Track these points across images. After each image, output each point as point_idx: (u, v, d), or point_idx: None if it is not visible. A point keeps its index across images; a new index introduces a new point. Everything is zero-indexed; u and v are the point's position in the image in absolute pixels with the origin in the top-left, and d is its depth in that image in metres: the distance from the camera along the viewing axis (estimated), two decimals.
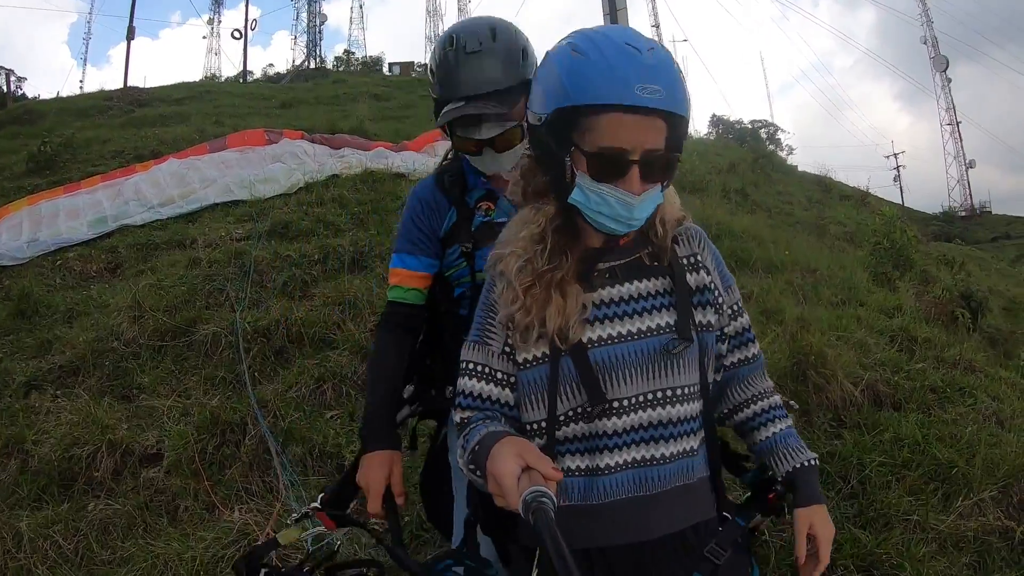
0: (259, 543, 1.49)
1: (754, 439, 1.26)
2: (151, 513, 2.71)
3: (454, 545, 1.54)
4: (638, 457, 1.12)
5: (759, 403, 1.26)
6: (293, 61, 38.41)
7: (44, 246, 5.53)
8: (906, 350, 4.34)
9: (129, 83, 17.67)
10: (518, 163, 1.26)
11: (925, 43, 54.24)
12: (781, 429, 1.24)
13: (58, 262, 5.37)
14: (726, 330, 1.22)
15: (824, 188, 15.82)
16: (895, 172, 52.37)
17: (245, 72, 26.46)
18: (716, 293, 1.19)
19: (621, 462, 1.12)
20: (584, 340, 1.11)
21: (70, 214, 5.93)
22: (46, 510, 2.76)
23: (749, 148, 19.27)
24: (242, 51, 26.78)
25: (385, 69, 34.88)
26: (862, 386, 3.60)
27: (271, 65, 54.02)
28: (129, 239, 5.58)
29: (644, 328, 1.12)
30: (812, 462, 1.21)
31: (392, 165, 6.51)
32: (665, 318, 1.13)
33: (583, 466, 1.14)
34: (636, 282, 1.15)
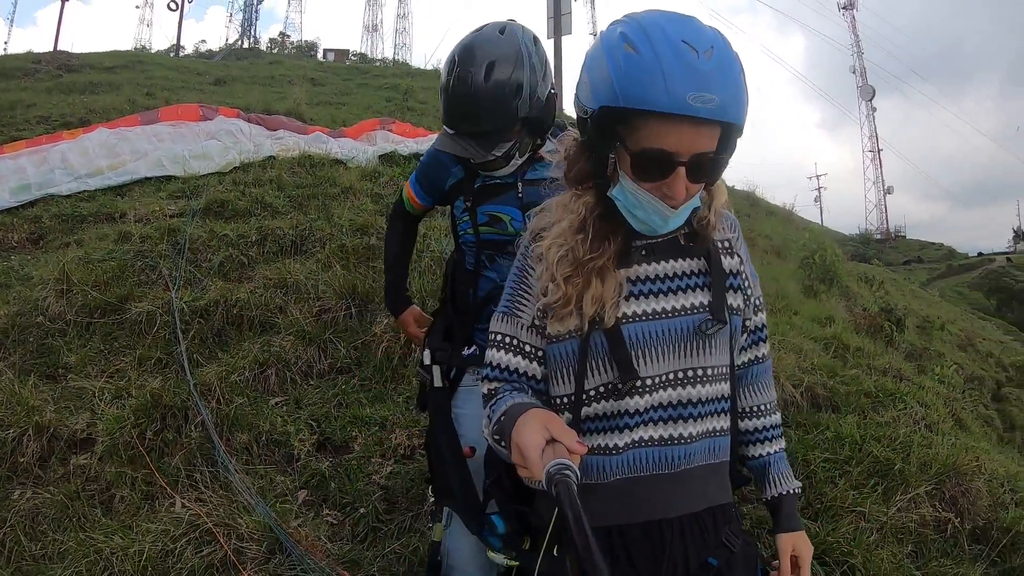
0: None
1: (749, 452, 1.30)
2: (83, 503, 2.49)
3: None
4: (663, 435, 1.11)
5: (763, 418, 1.29)
6: (227, 39, 37.03)
7: None
8: (840, 357, 4.57)
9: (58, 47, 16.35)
10: (562, 141, 1.21)
11: (854, 72, 58.10)
12: (776, 451, 1.29)
13: None
14: (747, 323, 1.22)
15: (751, 203, 16.55)
16: (816, 193, 55.76)
17: (178, 46, 25.05)
18: (747, 281, 1.20)
19: (639, 439, 1.10)
20: (620, 315, 1.09)
21: None
22: None
23: None
24: (177, 24, 25.22)
25: (319, 55, 34.28)
26: (802, 388, 3.76)
27: (203, 41, 51.73)
28: (54, 209, 5.19)
29: (679, 307, 1.11)
30: (796, 490, 1.27)
31: (330, 151, 6.35)
32: (700, 298, 1.12)
33: (600, 444, 1.12)
34: (672, 261, 1.13)
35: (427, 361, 1.71)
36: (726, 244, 1.19)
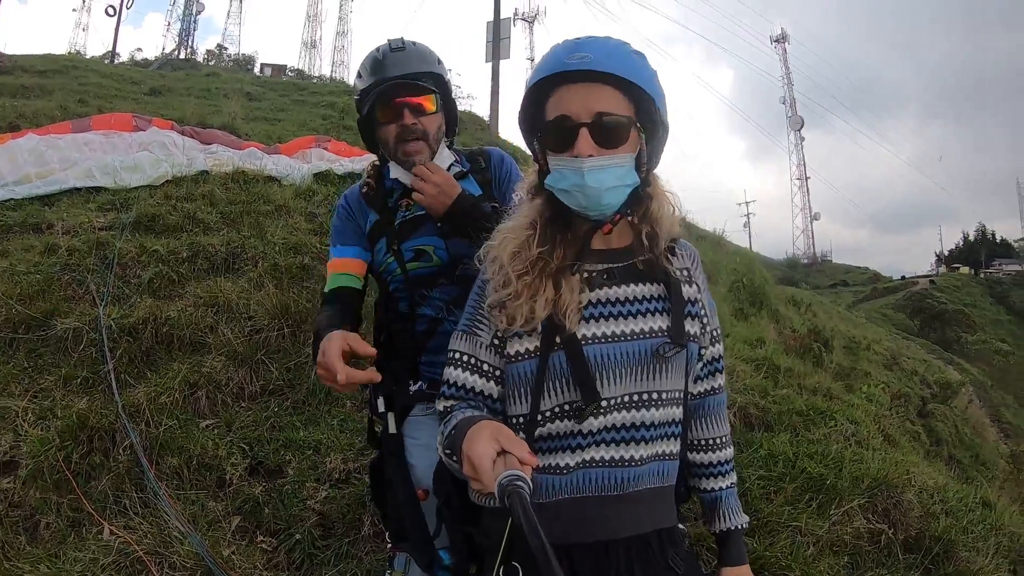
0: None
1: (701, 485, 1.32)
2: (6, 529, 2.33)
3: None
4: (612, 456, 1.11)
5: (716, 452, 1.31)
6: (163, 48, 35.95)
7: None
8: (771, 377, 4.70)
9: None
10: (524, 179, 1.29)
11: (784, 102, 61.21)
12: (727, 486, 1.32)
13: None
14: (703, 352, 1.24)
15: (683, 227, 17.08)
16: (746, 218, 58.07)
17: (114, 53, 24.08)
18: (703, 310, 1.22)
19: (588, 460, 1.11)
20: (579, 336, 1.10)
21: None
22: None
23: None
24: (114, 30, 24.20)
25: (256, 69, 33.85)
26: (735, 409, 3.86)
27: (139, 49, 50.09)
28: None
29: (638, 330, 1.13)
30: (744, 525, 1.30)
31: (264, 167, 6.21)
32: (659, 322, 1.14)
33: (555, 463, 1.12)
34: (633, 285, 1.16)
35: (382, 408, 1.66)
36: (685, 273, 1.21)
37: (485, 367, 1.17)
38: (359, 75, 1.68)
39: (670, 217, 1.18)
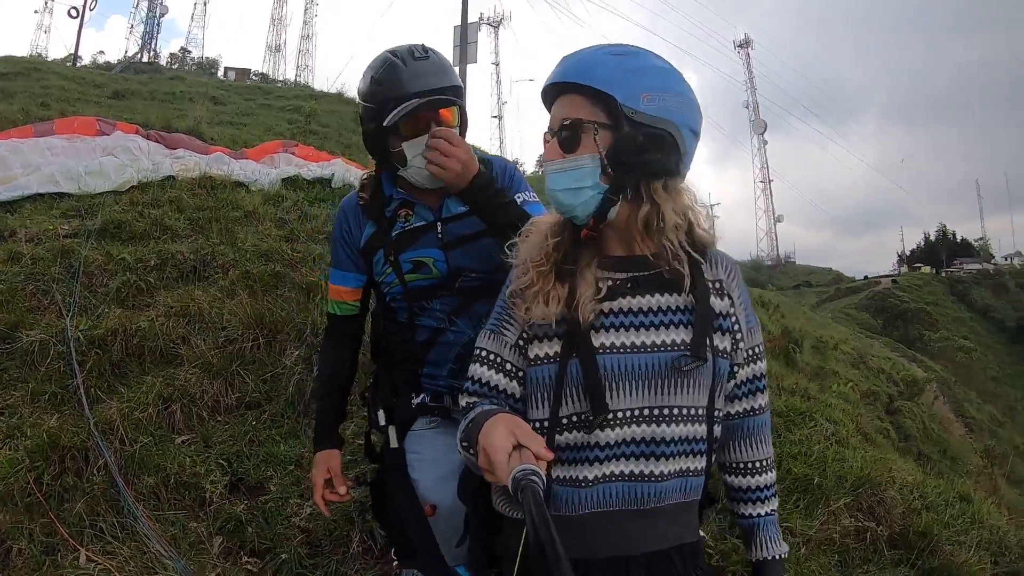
0: None
1: (739, 510, 1.27)
2: None
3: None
4: (633, 471, 1.09)
5: (757, 476, 1.25)
6: (126, 51, 35.17)
7: None
8: None
9: None
10: None
11: (747, 107, 62.43)
12: (767, 512, 1.26)
13: None
14: (740, 373, 1.20)
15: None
16: None
17: (76, 55, 23.41)
18: (736, 325, 1.17)
19: (609, 474, 1.09)
20: (596, 345, 1.08)
21: None
22: None
23: None
24: (76, 32, 23.53)
25: (220, 73, 33.35)
26: None
27: (102, 52, 48.95)
28: None
29: (658, 342, 1.09)
30: (784, 555, 1.25)
31: (232, 172, 6.09)
32: (681, 335, 1.10)
33: (571, 476, 1.10)
34: (655, 295, 1.12)
35: (382, 422, 1.63)
36: (717, 285, 1.17)
37: (508, 366, 1.16)
38: (374, 80, 1.58)
39: (676, 228, 1.12)
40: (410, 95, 1.51)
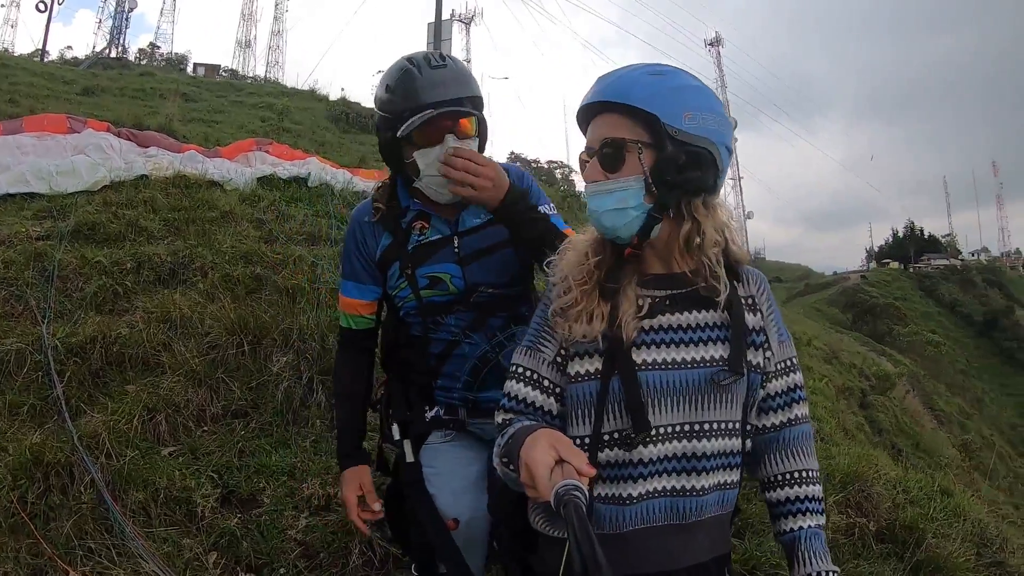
0: None
1: (781, 526, 1.21)
2: None
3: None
4: (675, 486, 1.10)
5: (798, 488, 1.20)
6: (94, 46, 34.28)
7: None
8: None
9: None
10: None
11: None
12: (811, 526, 1.19)
13: None
14: (771, 385, 1.20)
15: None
16: None
17: (44, 50, 22.73)
18: (765, 340, 1.18)
19: (652, 490, 1.09)
20: (638, 362, 1.09)
21: None
22: None
23: (558, 188, 20.03)
24: (44, 27, 22.85)
25: (190, 69, 32.84)
26: None
27: (69, 47, 47.67)
28: None
29: (697, 358, 1.10)
30: (831, 575, 1.15)
31: (206, 171, 5.98)
32: (719, 351, 1.11)
33: (614, 493, 1.10)
34: (693, 312, 1.13)
35: (397, 436, 1.60)
36: (750, 300, 1.19)
37: (546, 383, 1.16)
38: (388, 88, 1.54)
39: (715, 244, 1.12)
40: (425, 105, 1.47)
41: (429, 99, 1.48)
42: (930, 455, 8.88)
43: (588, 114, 1.16)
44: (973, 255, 66.06)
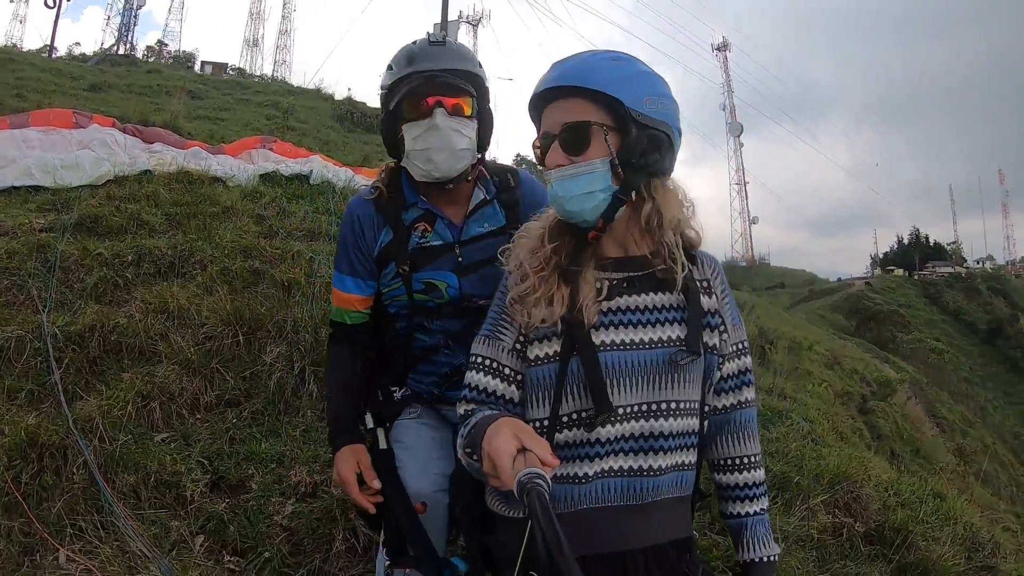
0: None
1: (727, 509, 1.28)
2: None
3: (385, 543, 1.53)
4: (631, 466, 1.11)
5: (745, 472, 1.27)
6: (102, 43, 34.56)
7: None
8: None
9: None
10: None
11: (724, 109, 63.02)
12: (756, 511, 1.26)
13: None
14: (724, 368, 1.23)
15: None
16: None
17: (52, 46, 22.94)
18: (721, 322, 1.21)
19: (607, 469, 1.10)
20: (597, 343, 1.10)
21: None
22: None
23: None
24: (52, 22, 23.09)
25: (197, 67, 32.87)
26: None
27: (78, 44, 48.06)
28: None
29: (655, 339, 1.12)
30: (774, 558, 1.24)
31: (209, 168, 6.04)
32: (676, 331, 1.13)
33: (568, 473, 1.11)
34: (651, 294, 1.15)
35: (370, 424, 1.61)
36: (705, 284, 1.21)
37: (506, 371, 1.16)
38: (389, 68, 1.53)
39: (675, 224, 1.16)
40: (415, 73, 1.46)
41: (420, 68, 1.47)
42: (929, 461, 8.86)
43: (544, 101, 1.16)
44: (978, 263, 65.68)
